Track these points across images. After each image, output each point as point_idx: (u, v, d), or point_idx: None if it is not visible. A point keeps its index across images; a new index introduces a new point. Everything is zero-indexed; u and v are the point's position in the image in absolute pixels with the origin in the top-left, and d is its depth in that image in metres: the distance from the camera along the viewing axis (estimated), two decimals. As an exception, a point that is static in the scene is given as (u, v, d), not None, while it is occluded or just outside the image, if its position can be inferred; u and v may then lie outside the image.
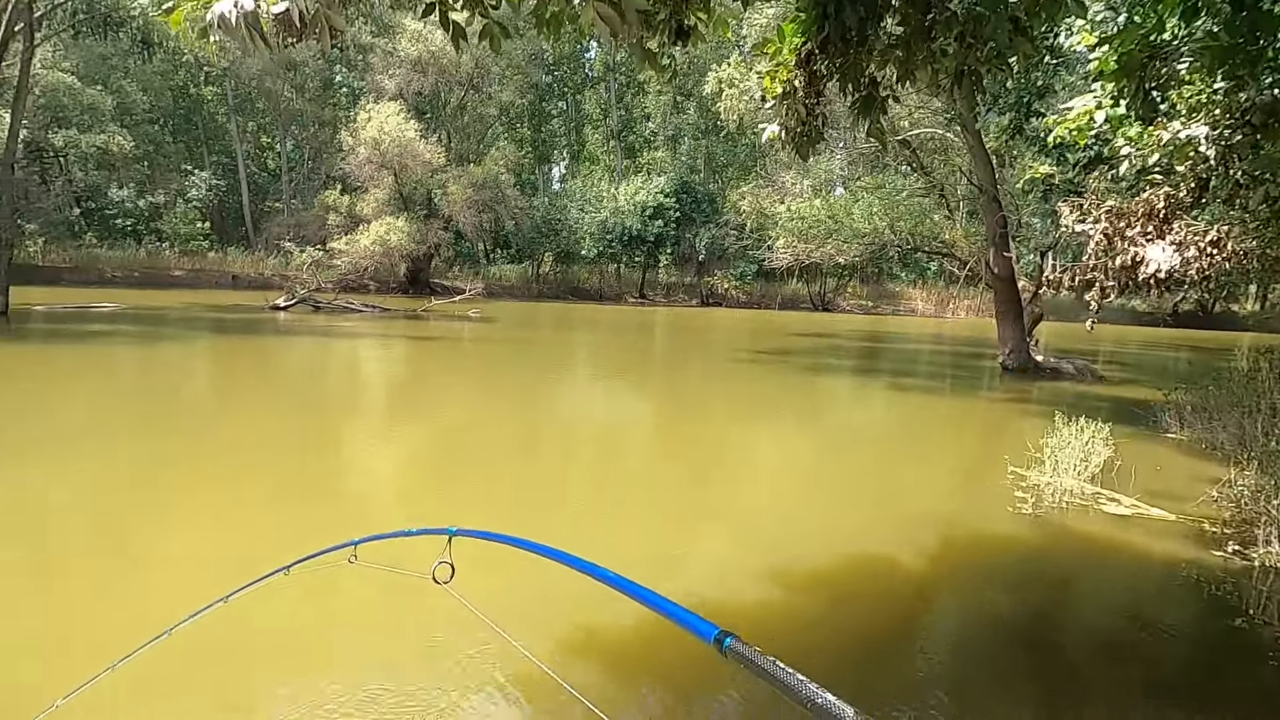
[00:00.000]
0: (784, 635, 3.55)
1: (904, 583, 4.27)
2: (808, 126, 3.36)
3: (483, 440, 7.65)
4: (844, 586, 4.17)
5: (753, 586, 4.01)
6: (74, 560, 4.05)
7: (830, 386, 12.98)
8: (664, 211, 34.99)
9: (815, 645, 3.49)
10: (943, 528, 5.19)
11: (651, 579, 3.95)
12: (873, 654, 3.47)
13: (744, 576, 4.12)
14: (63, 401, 8.34)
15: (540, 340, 19.01)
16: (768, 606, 3.82)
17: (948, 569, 4.54)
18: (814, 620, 3.73)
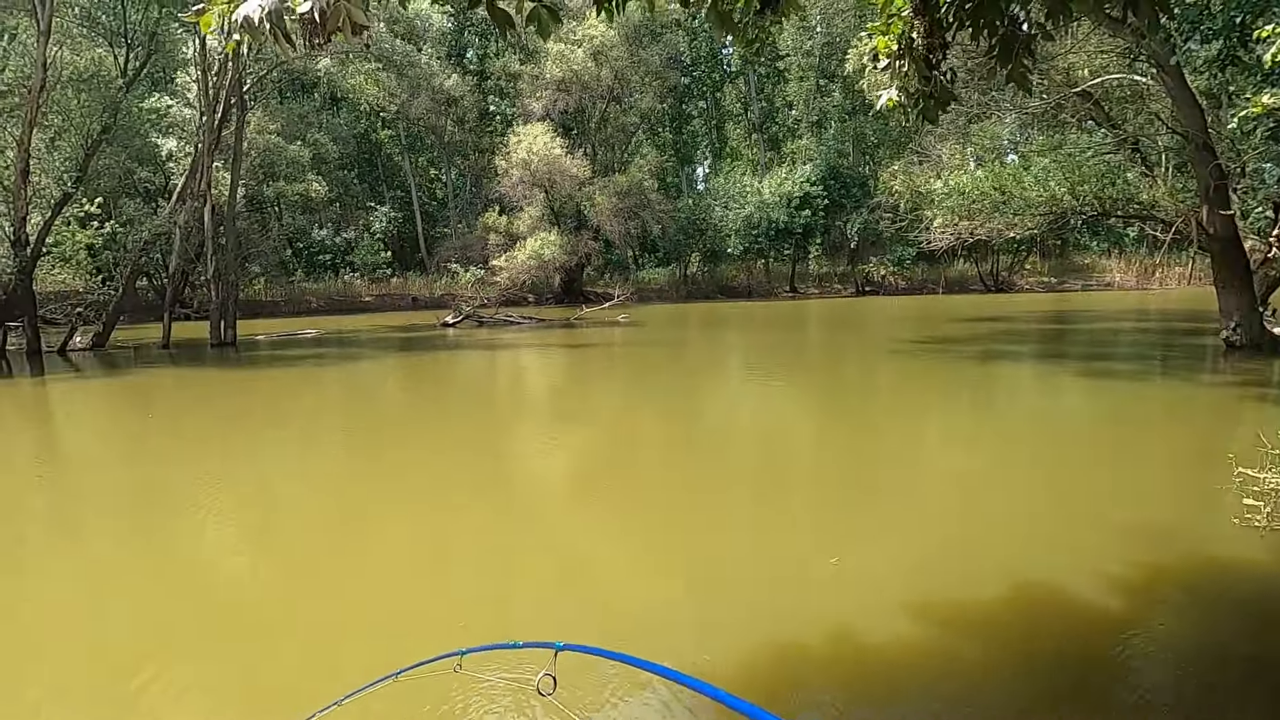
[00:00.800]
0: (945, 678, 3.14)
1: (1102, 617, 3.63)
2: (933, 86, 2.93)
3: (637, 445, 7.71)
4: (1031, 621, 3.62)
5: (923, 617, 3.60)
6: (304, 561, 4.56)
7: (1008, 376, 11.65)
8: (811, 200, 33.69)
9: (995, 697, 3.05)
10: (1151, 546, 4.39)
11: (801, 604, 3.63)
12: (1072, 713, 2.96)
13: (913, 603, 3.72)
14: (288, 413, 9.60)
15: (689, 341, 19.00)
16: (937, 641, 3.42)
17: (1159, 600, 3.80)
18: (990, 663, 3.27)
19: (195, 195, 18.74)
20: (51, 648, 3.59)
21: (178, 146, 25.16)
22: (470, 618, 3.75)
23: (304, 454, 7.56)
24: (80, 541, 5.19)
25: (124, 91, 18.62)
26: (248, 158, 24.11)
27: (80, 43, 19.17)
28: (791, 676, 3.14)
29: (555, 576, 4.34)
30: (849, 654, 3.26)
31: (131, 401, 11.53)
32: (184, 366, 15.35)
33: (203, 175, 18.51)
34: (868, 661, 3.20)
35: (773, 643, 3.35)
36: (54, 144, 18.55)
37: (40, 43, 15.95)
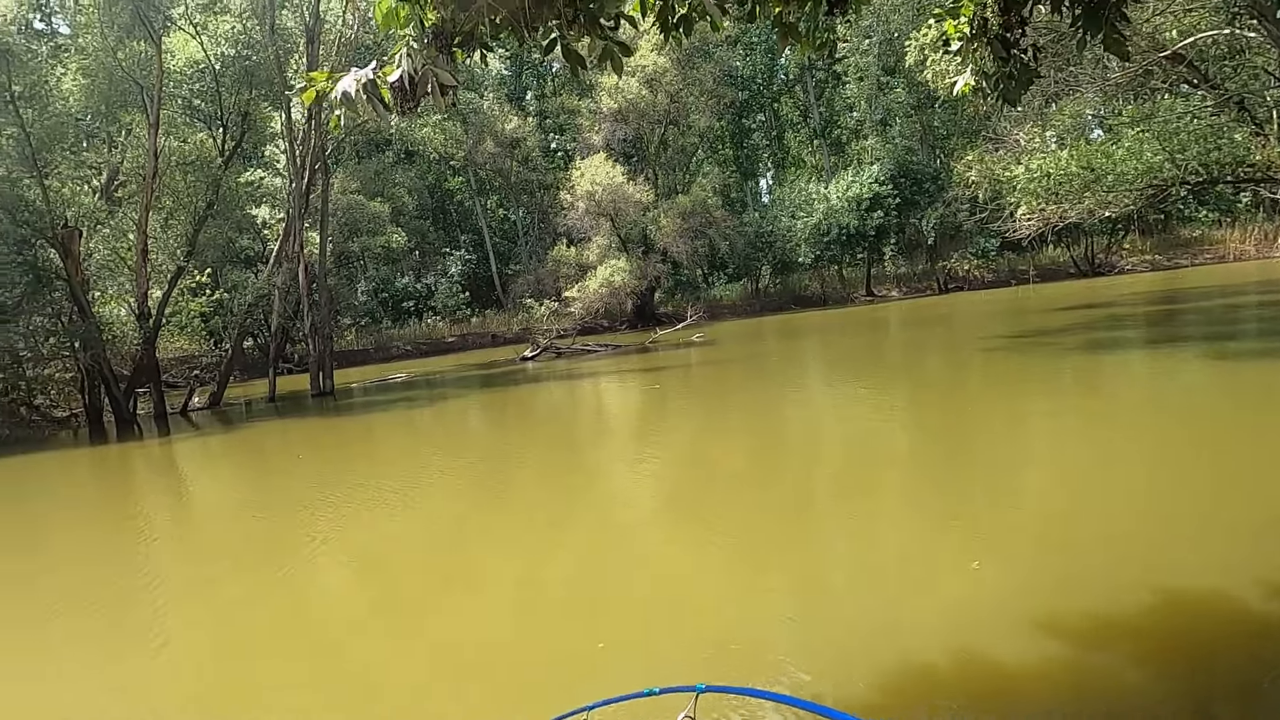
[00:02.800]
0: (1088, 697, 2.88)
1: (1260, 627, 3.26)
2: (1012, 65, 2.77)
3: (729, 464, 7.61)
4: (1181, 633, 3.29)
5: (1062, 632, 3.33)
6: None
7: (1118, 366, 10.81)
8: (882, 201, 32.73)
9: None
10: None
11: (931, 619, 3.41)
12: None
13: (1050, 617, 3.46)
14: (388, 454, 10.05)
15: (766, 354, 18.70)
16: (1079, 657, 3.15)
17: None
18: (1137, 680, 2.98)
19: (290, 257, 20.09)
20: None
21: (271, 214, 27.11)
22: (589, 657, 3.74)
23: (407, 493, 7.85)
24: (217, 586, 5.56)
25: (223, 169, 20.27)
26: (333, 217, 25.70)
27: (184, 130, 21.10)
28: (928, 696, 2.95)
29: (668, 607, 4.28)
30: (984, 672, 3.04)
31: (250, 452, 12.35)
32: (290, 417, 16.35)
33: (295, 238, 19.83)
34: (1009, 681, 2.97)
35: (905, 663, 3.16)
36: (167, 223, 20.36)
37: (151, 134, 17.64)
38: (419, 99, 2.01)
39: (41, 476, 12.00)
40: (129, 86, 18.10)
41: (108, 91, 18.59)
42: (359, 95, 2.01)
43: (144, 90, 17.85)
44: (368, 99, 2.02)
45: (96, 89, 18.73)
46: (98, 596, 5.51)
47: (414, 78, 1.96)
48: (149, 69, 17.94)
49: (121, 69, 17.87)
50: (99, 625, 4.92)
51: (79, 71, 19.13)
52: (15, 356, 16.67)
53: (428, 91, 1.98)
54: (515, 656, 3.84)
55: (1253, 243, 31.89)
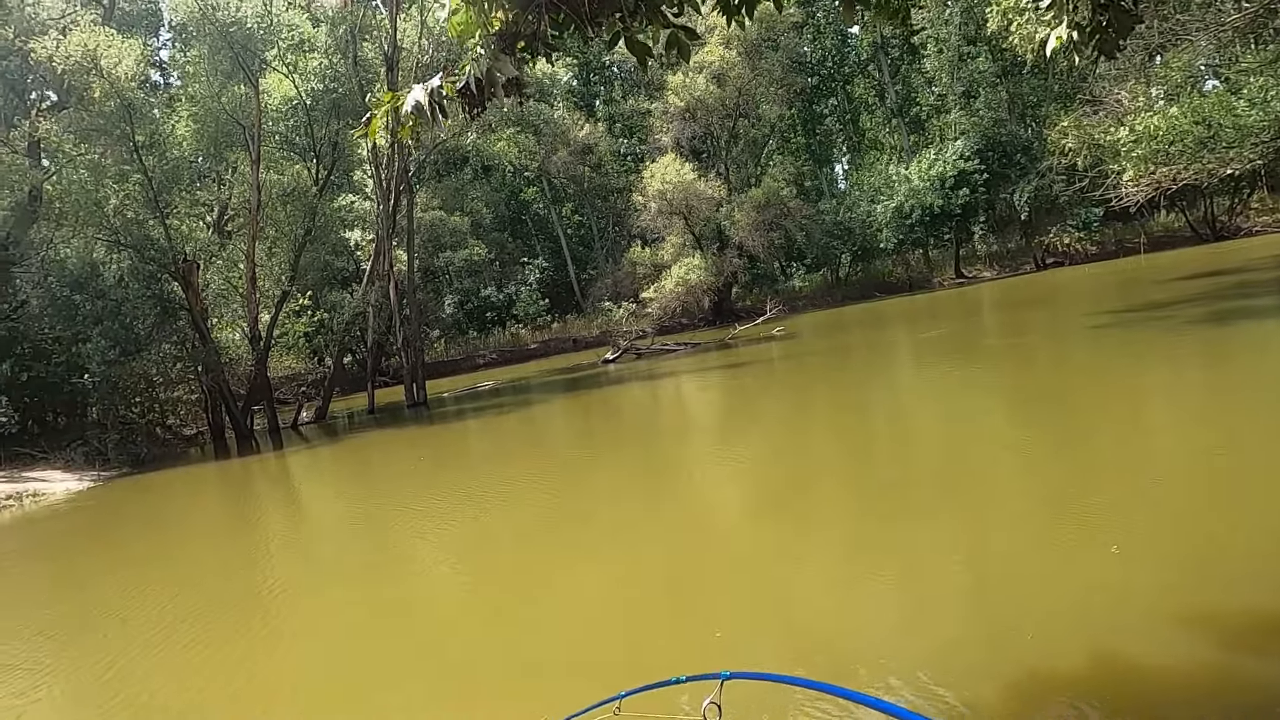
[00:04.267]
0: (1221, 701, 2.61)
1: None
2: (1111, 12, 2.54)
3: (819, 459, 7.43)
4: None
5: (1194, 630, 3.06)
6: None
7: (1249, 340, 9.77)
8: (968, 177, 31.12)
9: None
10: None
11: (1045, 617, 3.21)
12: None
13: (1179, 616, 3.18)
14: (482, 458, 10.44)
15: (849, 346, 18.14)
16: (1210, 660, 2.87)
17: None
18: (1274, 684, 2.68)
19: (381, 275, 21.16)
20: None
21: (362, 235, 28.66)
22: (685, 651, 3.73)
23: (502, 496, 8.09)
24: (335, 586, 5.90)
25: (318, 197, 21.60)
26: (418, 234, 26.87)
27: (281, 164, 22.62)
28: (1041, 698, 2.76)
29: (759, 603, 4.21)
30: (1120, 667, 2.81)
31: (358, 462, 13.11)
32: (389, 428, 17.22)
33: (385, 257, 20.88)
34: (1146, 675, 2.74)
35: (1035, 657, 2.97)
36: (271, 252, 21.89)
37: (254, 170, 19.02)
38: (486, 100, 2.05)
39: (181, 490, 13.15)
40: (232, 127, 19.59)
41: (214, 133, 20.17)
42: (428, 104, 2.07)
43: (245, 130, 19.27)
44: (436, 107, 2.08)
45: (205, 132, 20.36)
46: (233, 596, 5.96)
47: (480, 80, 2.00)
48: (249, 109, 19.35)
49: (225, 111, 19.36)
50: (231, 618, 5.33)
51: (189, 117, 20.86)
52: (149, 381, 18.35)
53: (493, 92, 2.02)
54: (610, 643, 3.87)
55: None
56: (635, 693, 1.72)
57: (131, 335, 17.28)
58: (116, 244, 17.95)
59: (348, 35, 20.39)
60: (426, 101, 2.07)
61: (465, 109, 2.10)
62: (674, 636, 4.01)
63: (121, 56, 16.97)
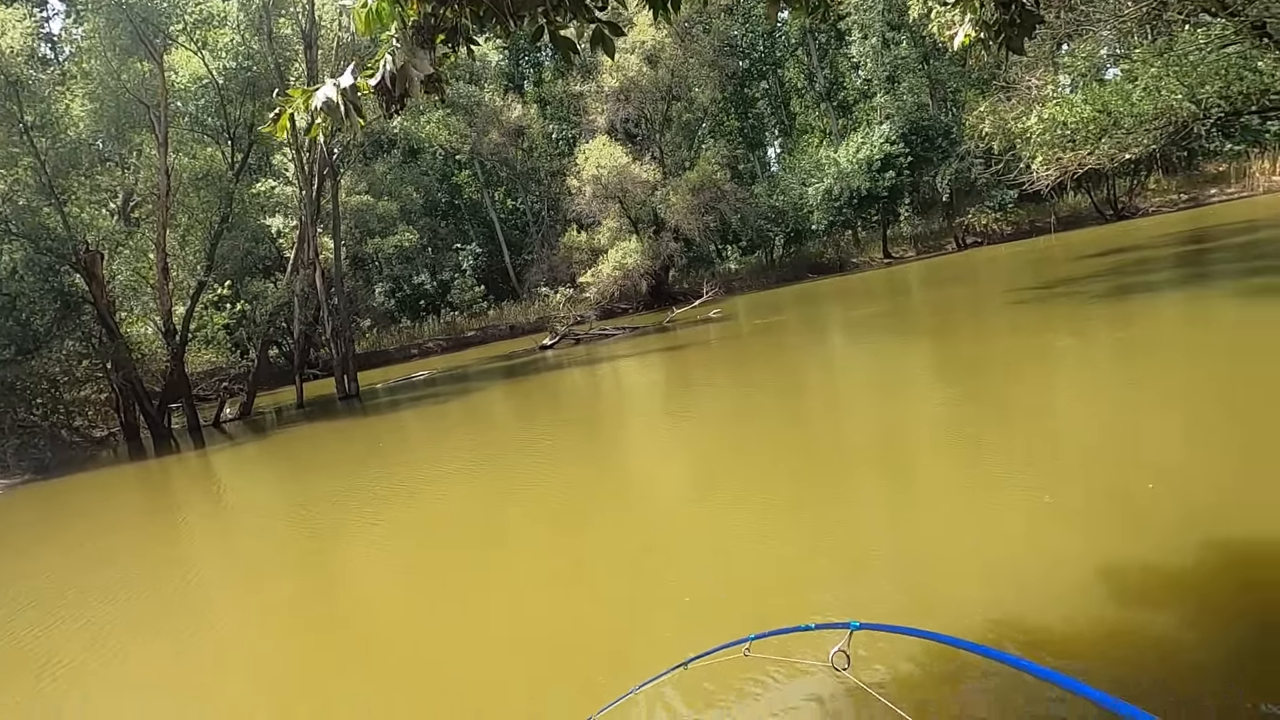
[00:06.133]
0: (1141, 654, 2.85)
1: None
2: (1014, 12, 2.68)
3: (762, 433, 7.61)
4: (1233, 585, 3.25)
5: (1101, 582, 3.31)
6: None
7: (1149, 310, 10.55)
8: (893, 160, 32.17)
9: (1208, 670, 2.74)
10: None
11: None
12: None
13: (1095, 566, 3.44)
14: (421, 449, 10.21)
15: (784, 325, 18.57)
16: (1122, 615, 3.12)
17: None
18: (1193, 636, 2.95)
19: (306, 263, 20.32)
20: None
21: (284, 222, 27.39)
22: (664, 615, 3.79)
23: (444, 484, 7.97)
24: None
25: (235, 182, 20.49)
26: (345, 220, 25.89)
27: (193, 147, 21.31)
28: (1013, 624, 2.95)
29: (718, 569, 4.32)
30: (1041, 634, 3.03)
31: (285, 458, 12.62)
32: (319, 421, 16.64)
33: (310, 244, 20.04)
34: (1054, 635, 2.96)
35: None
36: (184, 240, 20.67)
37: (161, 153, 17.87)
38: (403, 97, 1.99)
39: (90, 496, 12.38)
40: (135, 107, 18.32)
41: (115, 114, 18.82)
42: (340, 103, 2.00)
43: (150, 110, 18.05)
44: (348, 107, 2.01)
45: (104, 112, 18.97)
46: (161, 608, 5.70)
47: (394, 76, 1.94)
48: (153, 88, 18.13)
49: (126, 90, 18.07)
50: (169, 632, 5.10)
51: (85, 96, 19.39)
52: (52, 381, 17.14)
53: (407, 90, 1.96)
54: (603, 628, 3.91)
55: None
56: (765, 636, 1.74)
57: (29, 332, 16.07)
58: (7, 233, 16.60)
59: (262, 10, 19.30)
60: (339, 99, 2.00)
61: (382, 105, 2.04)
62: (633, 607, 4.08)
63: (4, 29, 15.60)
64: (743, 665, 1.76)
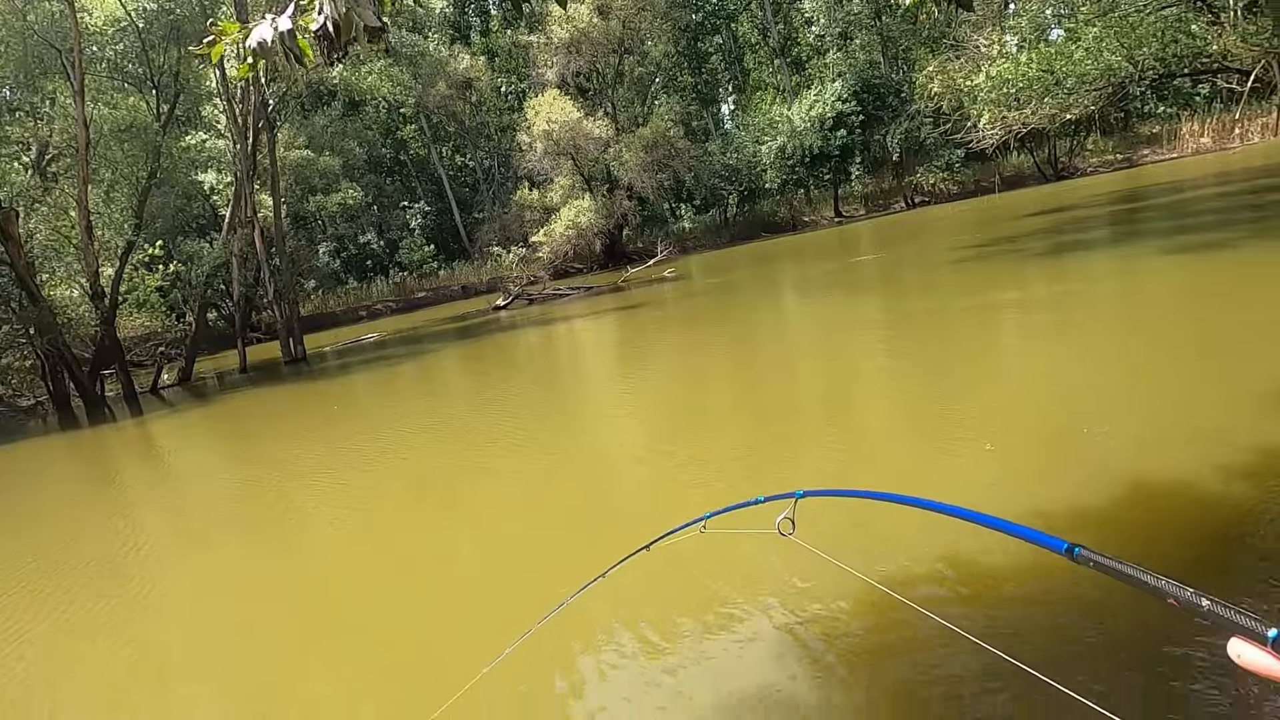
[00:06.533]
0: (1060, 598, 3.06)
1: (1225, 498, 3.46)
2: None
3: (715, 386, 7.72)
4: (1152, 513, 3.49)
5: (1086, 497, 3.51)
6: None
7: (1082, 266, 11.01)
8: (845, 119, 32.31)
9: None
10: (1243, 432, 4.12)
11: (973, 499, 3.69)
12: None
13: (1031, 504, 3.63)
14: (376, 411, 10.03)
15: (738, 284, 18.72)
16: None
17: (1261, 489, 3.58)
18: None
19: (244, 222, 19.42)
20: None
21: (218, 178, 26.02)
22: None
23: (399, 446, 7.88)
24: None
25: (162, 135, 19.28)
26: (284, 176, 24.75)
27: (113, 96, 19.89)
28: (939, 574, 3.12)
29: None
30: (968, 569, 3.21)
31: (229, 425, 12.25)
32: (264, 386, 16.16)
33: (246, 201, 19.13)
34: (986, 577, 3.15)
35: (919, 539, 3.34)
36: (109, 197, 19.47)
37: (77, 102, 16.64)
38: (346, 46, 1.90)
39: (18, 465, 11.82)
40: (46, 52, 16.96)
41: (23, 59, 17.40)
42: (275, 46, 1.89)
43: (62, 54, 16.74)
44: (285, 50, 1.90)
45: (10, 55, 17.51)
46: (98, 578, 5.54)
47: (338, 23, 1.84)
48: (64, 29, 16.77)
49: (34, 32, 16.69)
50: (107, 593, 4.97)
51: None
52: (-32, 348, 16.15)
53: (353, 37, 1.87)
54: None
55: (1211, 134, 32.14)
56: (719, 514, 1.84)
57: (-61, 296, 15.03)
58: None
59: (181, -54, 17.95)
60: (275, 42, 1.88)
61: (322, 53, 1.94)
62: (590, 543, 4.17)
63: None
64: (701, 541, 1.94)
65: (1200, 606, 0.62)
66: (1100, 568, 0.76)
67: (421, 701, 2.96)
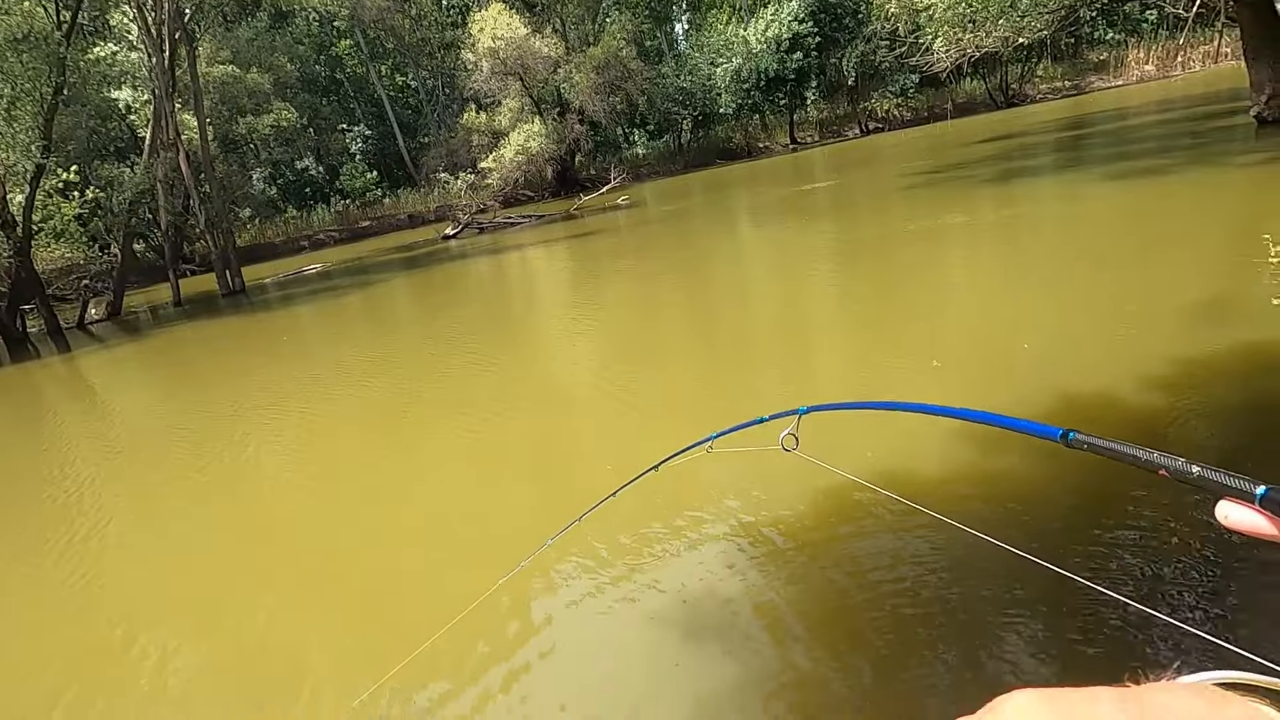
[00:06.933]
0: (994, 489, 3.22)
1: (1145, 404, 3.67)
2: None
3: (673, 312, 7.72)
4: (1080, 416, 3.67)
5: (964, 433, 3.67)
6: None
7: (1022, 194, 11.21)
8: (801, 41, 31.55)
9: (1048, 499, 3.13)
10: (1186, 338, 4.34)
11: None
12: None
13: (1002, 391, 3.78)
14: (331, 344, 9.75)
15: (693, 211, 18.51)
16: (984, 447, 3.49)
17: (1201, 384, 3.80)
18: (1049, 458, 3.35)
19: (166, 145, 18.11)
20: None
21: (134, 95, 24.06)
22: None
23: (355, 377, 7.71)
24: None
25: (65, 45, 17.56)
26: (208, 95, 23.07)
27: (5, 1, 17.90)
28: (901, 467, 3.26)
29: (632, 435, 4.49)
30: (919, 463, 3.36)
31: (171, 359, 11.76)
32: (203, 319, 15.49)
33: (168, 122, 17.79)
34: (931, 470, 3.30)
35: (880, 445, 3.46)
36: (11, 115, 17.81)
37: (-38, 5, 14.96)
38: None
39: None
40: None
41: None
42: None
43: (-61, -51, 14.91)
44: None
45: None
46: (37, 514, 5.36)
47: None
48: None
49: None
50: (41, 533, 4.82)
51: None
52: None
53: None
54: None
55: (1155, 62, 32.58)
56: (725, 434, 1.86)
57: None
58: None
59: None
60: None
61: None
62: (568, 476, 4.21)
63: None
64: (709, 461, 1.98)
65: (1190, 473, 0.64)
66: (1094, 449, 0.78)
67: (415, 631, 3.00)
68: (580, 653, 2.71)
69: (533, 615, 2.98)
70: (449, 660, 2.76)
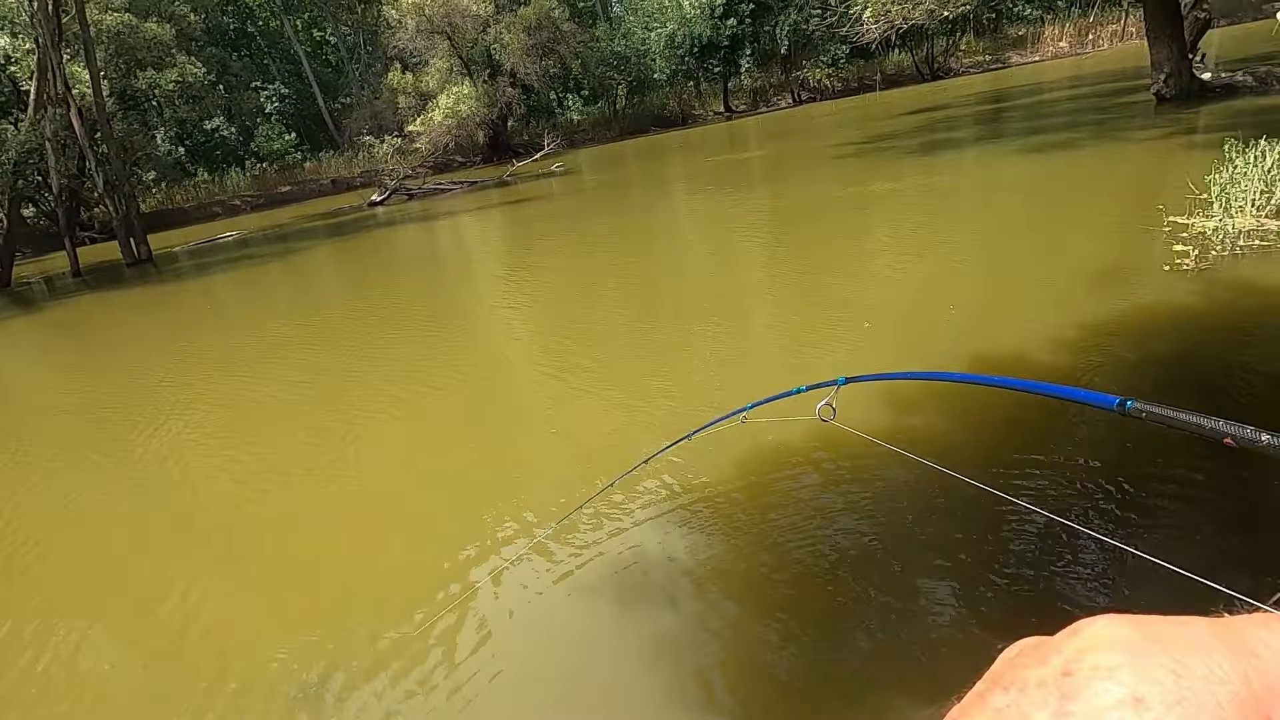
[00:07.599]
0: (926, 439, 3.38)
1: (1045, 362, 3.90)
2: None
3: (599, 283, 7.67)
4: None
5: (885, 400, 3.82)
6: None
7: (945, 164, 11.62)
8: (736, 7, 31.39)
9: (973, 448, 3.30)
10: (1084, 300, 4.63)
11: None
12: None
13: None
14: (249, 320, 9.26)
15: (628, 180, 18.38)
16: (899, 405, 3.65)
17: (1096, 345, 4.07)
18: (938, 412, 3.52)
19: (55, 100, 16.60)
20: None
21: (13, 44, 21.90)
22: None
23: (284, 351, 7.38)
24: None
25: (-74, -16, 15.77)
26: (101, 46, 21.23)
27: None
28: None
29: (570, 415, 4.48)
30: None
31: (71, 334, 10.95)
32: (106, 290, 14.47)
33: (55, 75, 16.29)
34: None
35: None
36: None
37: None
38: None
39: None
40: None
41: None
42: None
43: None
44: None
45: None
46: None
47: None
48: None
49: None
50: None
51: None
52: None
53: None
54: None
55: (1068, 40, 34.01)
56: (760, 404, 1.81)
57: None
58: None
59: None
60: None
61: None
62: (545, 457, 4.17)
63: None
64: (743, 432, 2.04)
65: (1259, 441, 0.61)
66: (1154, 418, 0.73)
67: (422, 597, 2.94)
68: (606, 626, 2.73)
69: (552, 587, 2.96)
70: (447, 641, 2.73)
